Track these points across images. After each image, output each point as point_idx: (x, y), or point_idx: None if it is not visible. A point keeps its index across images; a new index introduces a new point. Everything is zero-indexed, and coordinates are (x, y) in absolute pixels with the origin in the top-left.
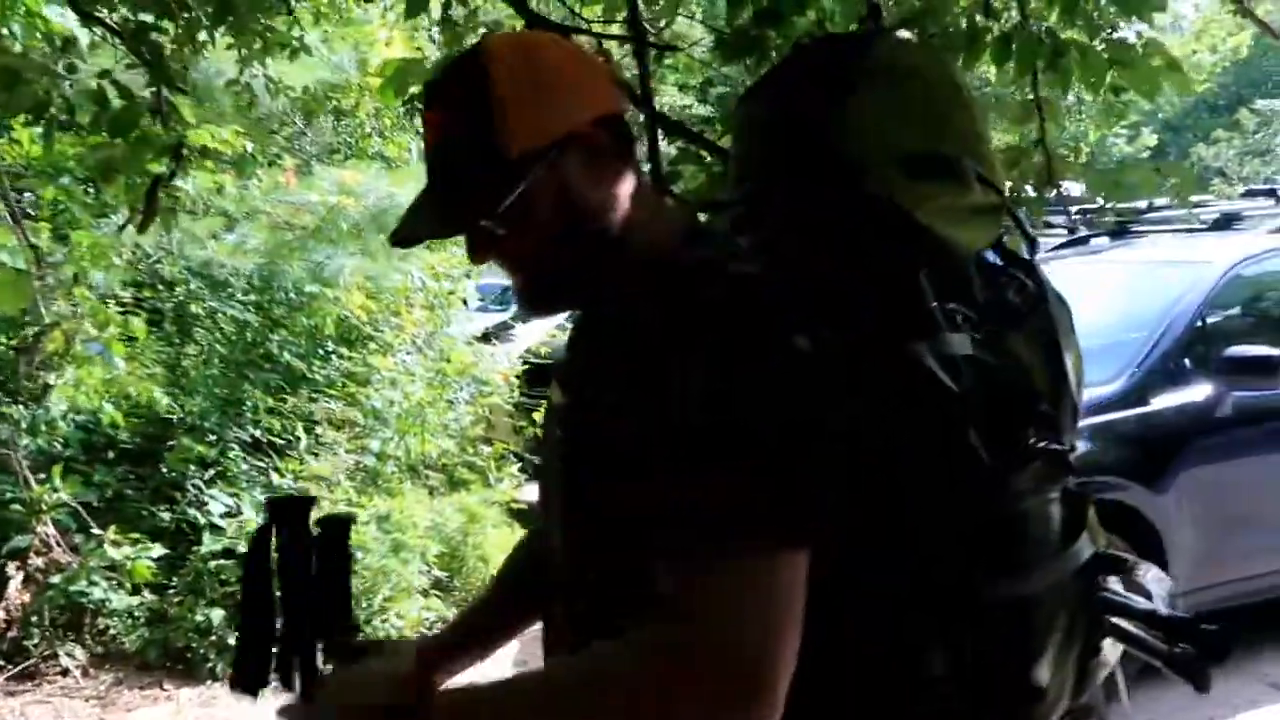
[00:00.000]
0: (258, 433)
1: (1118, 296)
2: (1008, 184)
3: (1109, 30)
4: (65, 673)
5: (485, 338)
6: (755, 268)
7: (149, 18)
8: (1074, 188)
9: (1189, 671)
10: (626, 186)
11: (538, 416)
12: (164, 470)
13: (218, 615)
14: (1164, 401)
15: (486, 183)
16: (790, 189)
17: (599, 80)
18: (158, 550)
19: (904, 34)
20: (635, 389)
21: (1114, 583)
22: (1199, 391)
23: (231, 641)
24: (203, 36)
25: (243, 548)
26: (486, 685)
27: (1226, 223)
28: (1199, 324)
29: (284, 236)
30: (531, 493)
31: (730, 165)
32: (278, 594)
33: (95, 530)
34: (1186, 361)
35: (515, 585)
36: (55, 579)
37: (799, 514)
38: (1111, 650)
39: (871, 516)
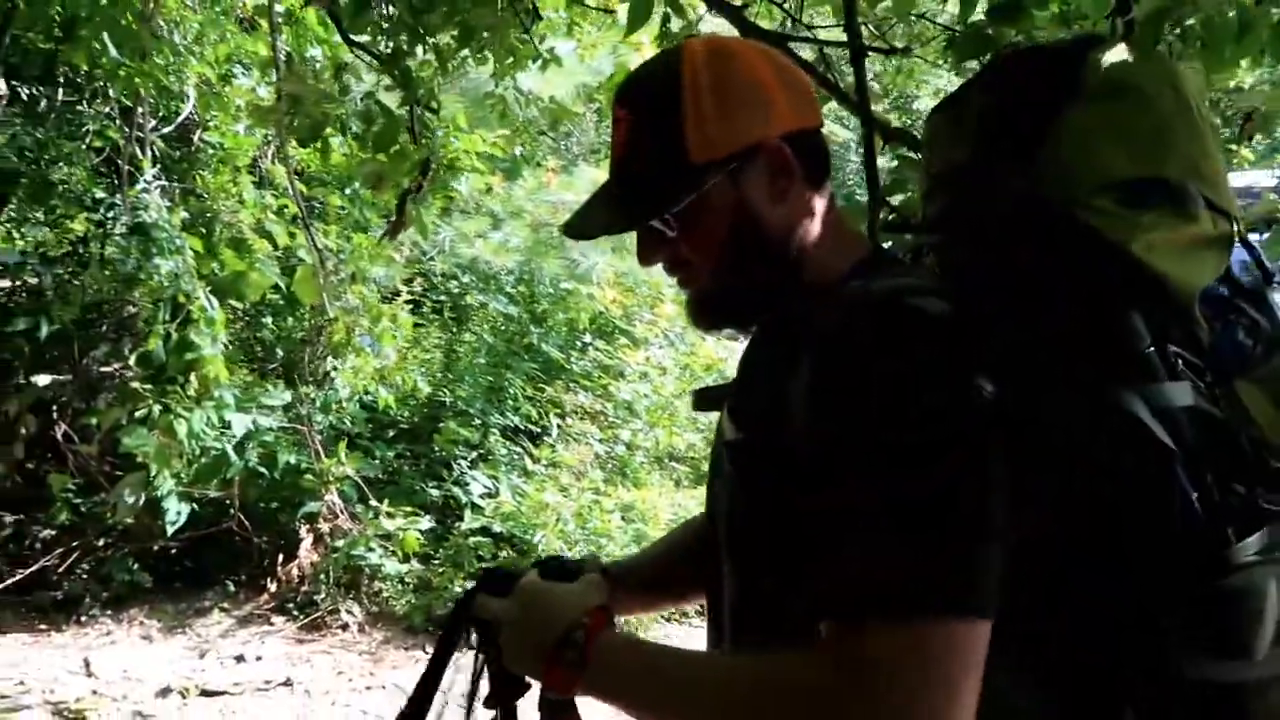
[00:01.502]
0: (517, 419)
1: None
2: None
3: None
4: (345, 627)
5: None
6: (938, 302)
7: (404, 40)
8: None
9: None
10: (811, 207)
11: None
12: (435, 450)
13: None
14: None
15: (664, 184)
16: (987, 215)
17: (797, 94)
18: (425, 523)
19: (1124, 45)
20: (820, 408)
21: None
22: None
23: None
24: (458, 54)
25: (498, 527)
26: (646, 646)
27: None
28: None
29: (543, 234)
30: None
31: (920, 178)
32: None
33: (373, 502)
34: None
35: (687, 563)
36: (339, 543)
37: (978, 583)
38: None
39: (1089, 520)
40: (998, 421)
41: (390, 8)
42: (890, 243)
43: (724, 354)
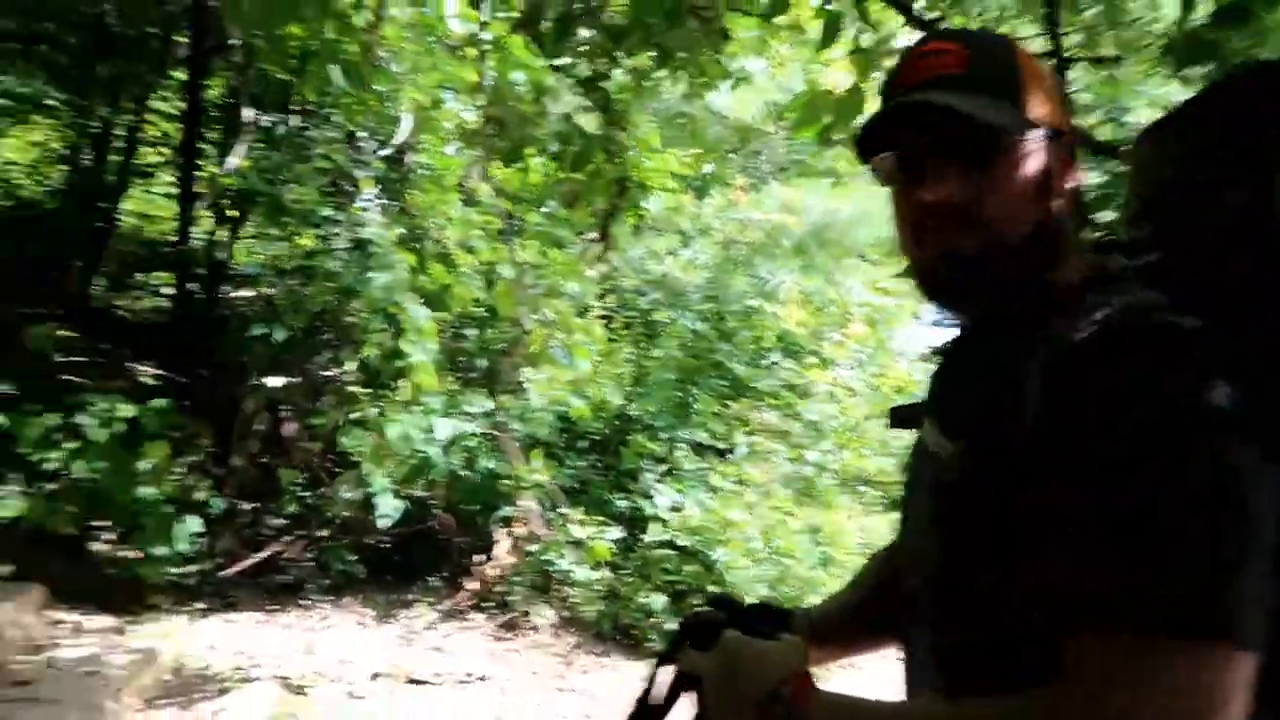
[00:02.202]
0: (703, 435)
1: None
2: None
3: None
4: (536, 629)
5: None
6: (1186, 319)
7: (602, 63)
8: None
9: None
10: (1068, 210)
11: None
12: (624, 462)
13: (659, 600)
14: None
15: (1004, 111)
16: (1202, 228)
17: None
18: (614, 533)
19: None
20: (1048, 413)
21: None
22: None
23: (669, 627)
24: (654, 75)
25: (684, 541)
26: (863, 702)
27: None
28: None
29: (731, 252)
30: None
31: (1129, 203)
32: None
33: (565, 509)
34: None
35: (874, 603)
36: (533, 548)
37: (1245, 609)
38: None
39: None
40: (1244, 436)
41: (590, 33)
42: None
43: (919, 376)
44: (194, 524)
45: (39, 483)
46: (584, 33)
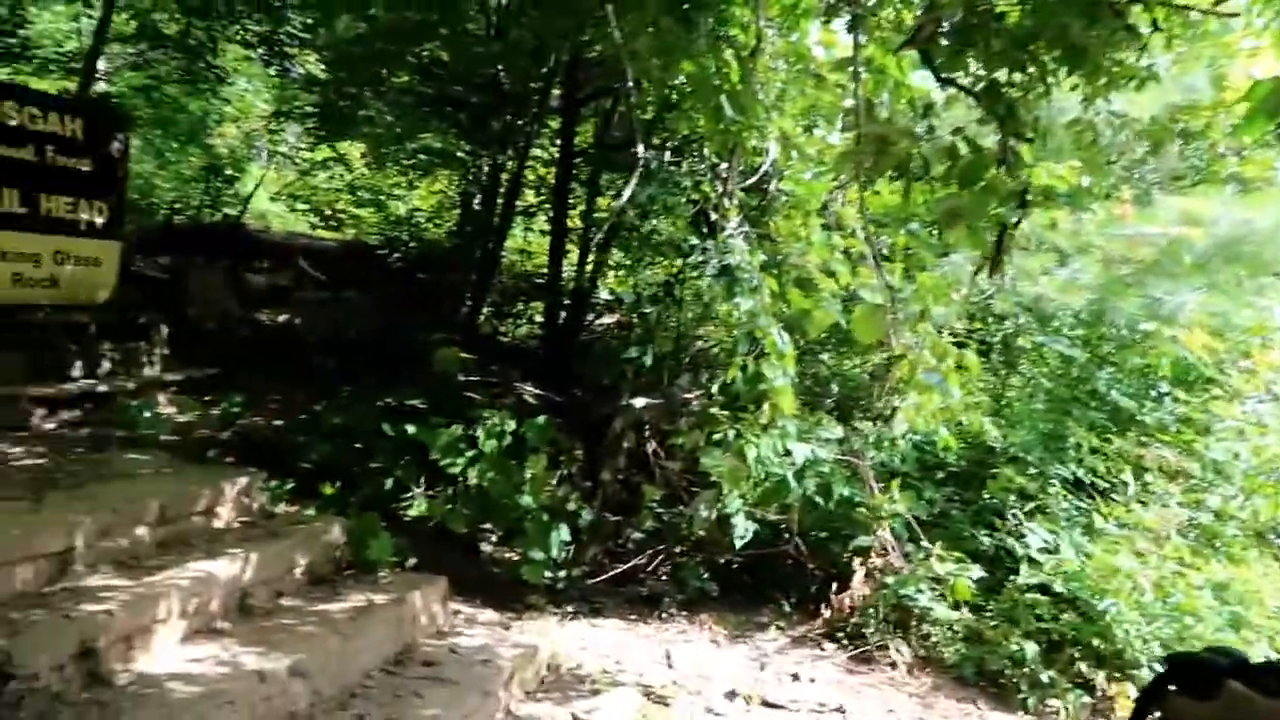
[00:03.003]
0: (1080, 471)
1: None
2: None
3: None
4: (893, 665)
5: None
6: None
7: (1002, 74)
8: None
9: None
10: None
11: None
12: (986, 496)
13: (1031, 649)
14: None
15: None
16: None
17: None
18: (977, 572)
19: None
20: None
21: None
22: None
23: (1044, 678)
24: (1050, 80)
25: (1059, 586)
26: None
27: None
28: None
29: (1117, 271)
30: None
31: None
32: None
33: (924, 543)
34: None
35: None
36: (889, 580)
37: None
38: None
39: None
40: None
41: (990, 42)
42: None
43: None
44: (564, 532)
45: (439, 486)
46: (981, 43)
